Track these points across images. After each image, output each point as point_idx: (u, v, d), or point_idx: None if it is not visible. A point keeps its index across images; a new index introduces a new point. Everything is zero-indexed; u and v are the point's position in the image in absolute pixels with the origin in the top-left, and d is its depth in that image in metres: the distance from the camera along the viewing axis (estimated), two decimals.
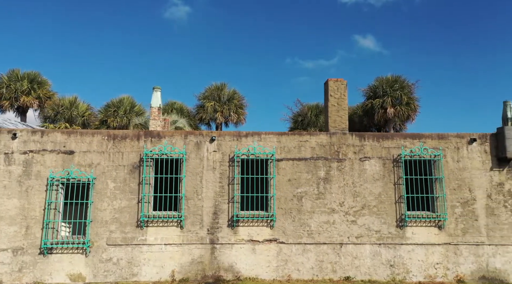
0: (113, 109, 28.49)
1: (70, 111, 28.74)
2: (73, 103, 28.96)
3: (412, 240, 11.68)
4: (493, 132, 12.27)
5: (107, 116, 28.35)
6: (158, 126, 16.88)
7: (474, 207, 11.85)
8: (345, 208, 11.83)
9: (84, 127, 29.27)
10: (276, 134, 12.22)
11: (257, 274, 11.39)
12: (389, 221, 11.78)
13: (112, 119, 27.88)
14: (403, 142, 12.21)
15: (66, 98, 29.28)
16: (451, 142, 12.22)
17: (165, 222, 11.48)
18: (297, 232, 11.66)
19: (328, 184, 11.94)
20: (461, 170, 12.05)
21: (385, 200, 11.88)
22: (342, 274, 11.48)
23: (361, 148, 12.17)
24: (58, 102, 28.81)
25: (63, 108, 28.49)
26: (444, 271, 11.52)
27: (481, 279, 11.49)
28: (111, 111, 28.41)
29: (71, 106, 28.82)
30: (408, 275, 11.51)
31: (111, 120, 27.88)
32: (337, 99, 12.74)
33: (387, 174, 12.03)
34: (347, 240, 11.67)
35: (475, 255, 11.60)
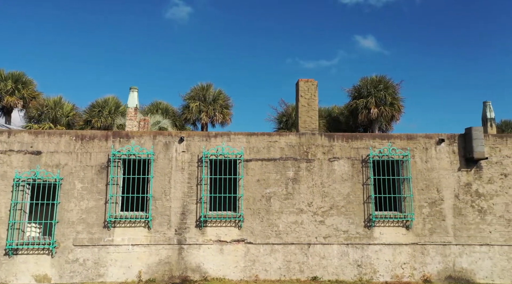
0: (97, 109, 28.39)
1: (55, 111, 28.66)
2: (57, 103, 28.87)
3: (379, 240, 11.73)
4: (461, 133, 12.34)
5: (91, 117, 28.26)
6: (134, 127, 16.85)
7: (441, 207, 11.91)
8: (313, 208, 11.86)
9: (69, 128, 29.16)
10: (245, 134, 12.23)
11: (225, 274, 11.40)
12: (357, 221, 11.81)
13: (96, 119, 27.78)
14: (372, 142, 12.26)
15: (50, 99, 29.19)
16: (419, 142, 12.28)
17: (132, 222, 11.46)
18: (265, 232, 11.68)
19: (297, 184, 11.97)
20: (429, 170, 12.11)
21: (354, 200, 11.92)
22: (310, 274, 11.51)
23: (330, 148, 12.20)
24: (43, 102, 28.72)
25: (47, 108, 28.39)
26: (411, 271, 11.57)
27: (448, 278, 11.55)
28: (95, 111, 28.31)
29: (55, 106, 28.73)
30: (375, 275, 11.55)
31: (95, 121, 27.77)
32: (308, 99, 12.77)
33: (356, 174, 12.07)
34: (315, 240, 11.70)
35: (442, 255, 11.66)
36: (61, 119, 29.00)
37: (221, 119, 29.30)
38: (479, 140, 11.85)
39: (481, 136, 11.88)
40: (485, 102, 21.06)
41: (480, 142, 11.84)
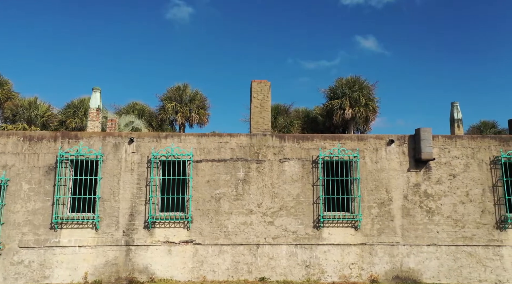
0: (72, 110, 28.28)
1: (29, 112, 28.50)
2: (32, 104, 28.71)
3: (328, 240, 11.78)
4: (411, 134, 12.43)
5: (66, 117, 28.13)
6: (96, 128, 16.77)
7: (390, 207, 11.99)
8: (263, 209, 11.89)
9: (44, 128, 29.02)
10: (196, 135, 12.24)
11: (172, 275, 11.39)
12: (306, 222, 11.86)
13: (71, 120, 27.66)
14: (323, 143, 12.31)
15: (25, 99, 29.03)
16: (370, 143, 12.35)
17: (79, 223, 11.42)
18: (214, 233, 11.69)
19: (247, 185, 11.99)
20: (379, 171, 12.19)
21: (303, 201, 11.97)
22: (258, 274, 11.53)
23: (281, 149, 12.24)
24: (17, 102, 28.54)
25: (22, 108, 28.21)
26: (359, 271, 11.64)
27: (395, 278, 11.63)
28: (70, 112, 28.19)
29: (30, 107, 28.58)
30: (323, 276, 11.60)
31: (69, 121, 27.65)
32: (260, 100, 12.80)
33: (306, 175, 12.12)
34: (264, 241, 11.73)
35: (390, 255, 11.74)
36: (36, 120, 28.88)
37: (197, 119, 29.29)
38: (427, 141, 11.94)
39: (429, 137, 11.98)
40: (453, 103, 21.24)
41: (428, 143, 11.93)
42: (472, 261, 11.67)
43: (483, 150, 12.27)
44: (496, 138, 12.38)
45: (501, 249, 11.73)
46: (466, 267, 11.65)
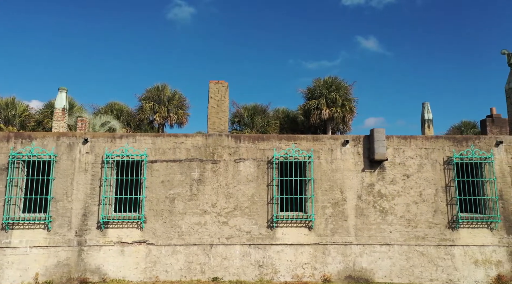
0: (50, 110, 28.13)
1: (7, 112, 28.42)
2: (9, 104, 28.61)
3: (282, 240, 11.84)
4: (366, 135, 12.52)
5: (44, 117, 28.01)
6: (61, 128, 16.72)
7: (344, 207, 12.07)
8: (217, 209, 11.92)
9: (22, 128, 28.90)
10: (151, 136, 12.24)
11: (125, 275, 11.39)
12: (260, 222, 11.91)
13: (48, 120, 27.52)
14: (278, 144, 12.37)
15: (3, 99, 28.89)
16: (325, 143, 12.43)
17: (31, 224, 11.38)
18: (167, 234, 11.70)
19: (201, 185, 12.02)
20: (333, 171, 12.27)
21: (258, 201, 12.01)
22: (211, 274, 11.56)
23: (237, 150, 12.28)
24: None
25: None
26: (312, 271, 11.71)
27: (347, 278, 11.71)
28: (48, 112, 28.06)
29: (7, 107, 28.48)
30: (276, 275, 11.65)
31: (46, 121, 27.52)
32: (217, 101, 12.83)
33: (261, 175, 12.16)
34: (218, 241, 11.76)
35: (343, 255, 11.82)
36: (13, 120, 28.78)
37: (175, 120, 29.26)
38: (381, 142, 12.03)
39: (382, 138, 12.07)
40: (424, 103, 21.43)
41: (381, 143, 12.03)
42: (424, 261, 11.78)
43: (437, 150, 12.39)
44: (450, 139, 12.50)
45: (453, 248, 11.85)
46: (418, 267, 11.76)
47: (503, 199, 12.07)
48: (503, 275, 11.62)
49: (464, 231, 11.94)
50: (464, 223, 11.94)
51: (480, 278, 11.66)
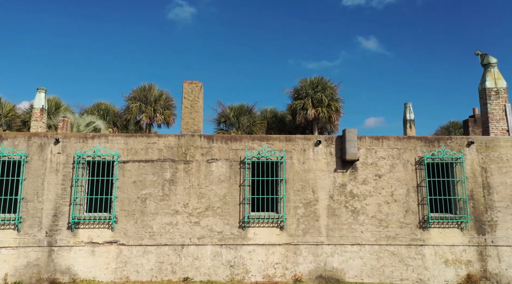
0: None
1: None
2: None
3: (253, 240, 11.86)
4: (339, 135, 12.56)
5: (29, 117, 27.91)
6: (40, 128, 16.68)
7: (316, 207, 12.11)
8: (189, 209, 11.93)
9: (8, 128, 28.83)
10: (123, 136, 12.24)
11: (95, 276, 11.38)
12: (232, 222, 11.93)
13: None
14: (251, 144, 12.39)
15: None
16: (298, 144, 12.46)
17: (1, 224, 11.35)
18: (139, 234, 11.70)
19: (173, 186, 12.02)
20: (306, 171, 12.30)
21: (230, 201, 12.03)
22: (182, 275, 11.57)
23: (209, 150, 12.29)
24: None
25: None
26: (283, 270, 11.74)
27: (318, 278, 11.75)
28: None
29: None
30: (247, 275, 11.68)
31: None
32: (191, 101, 12.85)
33: (234, 175, 12.18)
34: (189, 241, 11.77)
35: (314, 255, 11.86)
36: None
37: (162, 120, 29.25)
38: (352, 142, 12.09)
39: (354, 138, 12.12)
40: (406, 104, 21.59)
41: (353, 144, 12.08)
42: (394, 260, 11.84)
43: (409, 151, 12.45)
44: (422, 139, 12.57)
45: (423, 248, 11.91)
46: (389, 266, 11.81)
47: (473, 199, 12.15)
48: (472, 275, 11.70)
49: (435, 231, 12.00)
50: (435, 223, 12.01)
51: (450, 277, 11.73)
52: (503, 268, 11.74)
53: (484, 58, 13.44)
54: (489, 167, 12.31)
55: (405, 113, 21.27)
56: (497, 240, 11.90)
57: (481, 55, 13.51)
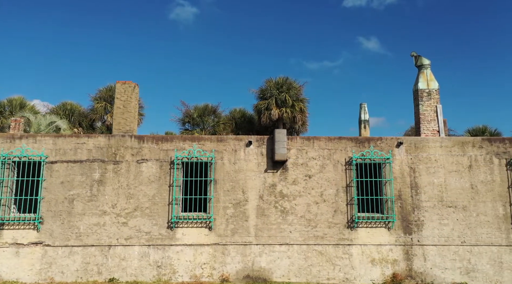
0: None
1: None
2: None
3: (181, 240, 11.88)
4: (270, 136, 12.64)
5: None
6: None
7: (245, 207, 12.16)
8: (117, 210, 11.91)
9: None
10: (52, 136, 12.18)
11: (18, 277, 11.30)
12: (160, 223, 11.93)
13: None
14: (182, 144, 12.41)
15: None
16: (229, 144, 12.51)
17: None
18: (65, 235, 11.65)
19: (102, 186, 11.99)
20: (237, 171, 12.35)
21: (159, 202, 12.03)
22: (108, 275, 11.55)
23: (140, 150, 12.28)
24: None
25: None
26: (210, 271, 11.77)
27: (246, 278, 11.80)
28: None
29: None
30: (175, 276, 11.69)
31: None
32: (123, 102, 12.82)
33: (164, 176, 12.19)
34: (116, 242, 11.75)
35: (242, 255, 11.91)
36: None
37: None
38: (281, 143, 12.16)
39: (283, 139, 12.20)
40: (361, 104, 21.74)
41: (282, 144, 12.15)
42: (322, 260, 11.94)
43: (339, 151, 12.56)
44: (353, 140, 12.69)
45: (351, 247, 12.03)
46: (316, 266, 11.91)
47: (401, 198, 12.30)
48: (398, 274, 11.84)
49: (363, 230, 12.13)
50: (363, 223, 12.13)
51: (376, 276, 11.86)
52: (428, 267, 11.90)
53: (418, 59, 13.62)
54: (417, 167, 12.47)
55: (360, 113, 21.43)
56: (423, 239, 12.07)
57: (415, 57, 13.69)
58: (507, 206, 12.19)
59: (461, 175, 12.38)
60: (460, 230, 12.09)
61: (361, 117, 21.38)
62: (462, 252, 11.97)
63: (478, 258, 11.93)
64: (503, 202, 12.21)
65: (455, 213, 12.18)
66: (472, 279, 11.82)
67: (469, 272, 11.86)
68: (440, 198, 12.27)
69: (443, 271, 11.87)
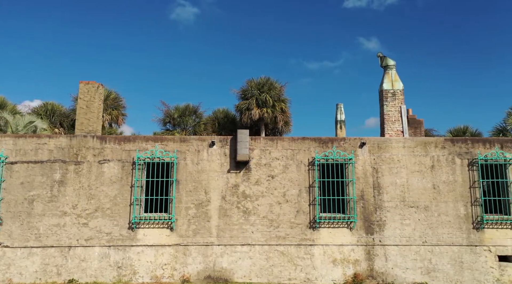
0: None
1: None
2: None
3: (143, 241, 11.84)
4: (234, 136, 12.63)
5: None
6: None
7: (208, 208, 12.14)
8: (78, 210, 11.85)
9: None
10: (12, 137, 12.10)
11: None
12: (122, 223, 11.88)
13: None
14: (145, 145, 12.37)
15: None
16: (192, 144, 12.48)
17: None
18: (24, 236, 11.57)
19: (63, 187, 11.93)
20: (199, 172, 12.33)
21: (120, 202, 11.98)
22: (67, 276, 11.49)
23: (101, 151, 12.23)
24: None
25: None
26: (171, 271, 11.74)
27: (207, 278, 11.78)
28: None
29: None
30: (135, 276, 11.65)
31: None
32: (87, 102, 12.76)
33: (125, 176, 12.14)
34: (76, 243, 11.69)
35: (204, 255, 11.89)
36: None
37: (108, 120, 29.01)
38: (244, 143, 12.16)
39: (246, 139, 12.20)
40: (338, 104, 21.77)
41: (244, 145, 12.15)
42: (283, 260, 11.95)
43: (302, 152, 12.57)
44: (316, 140, 12.71)
45: (313, 248, 12.05)
46: (278, 266, 11.91)
47: (364, 199, 12.33)
48: (359, 274, 11.87)
49: (325, 230, 12.15)
50: (325, 223, 12.15)
51: (337, 276, 11.88)
52: (389, 267, 11.94)
53: (383, 60, 13.68)
54: (380, 167, 12.51)
55: (336, 114, 21.47)
56: (385, 240, 12.11)
57: (381, 58, 13.74)
58: (468, 206, 12.25)
59: (424, 175, 12.43)
60: (422, 230, 12.14)
61: (337, 117, 21.41)
62: (423, 252, 12.02)
63: (439, 258, 11.98)
64: (465, 202, 12.28)
65: (417, 213, 12.23)
66: (432, 278, 11.87)
67: (430, 272, 11.91)
68: (402, 198, 12.32)
69: (404, 271, 11.92)
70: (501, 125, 23.09)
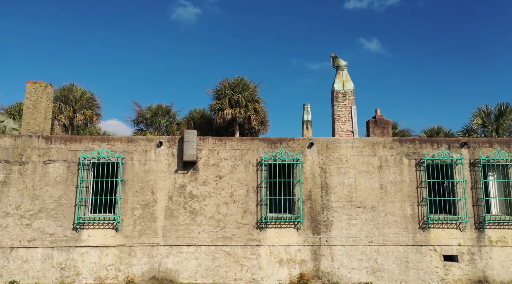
0: None
1: None
2: None
3: (87, 242, 11.75)
4: (182, 136, 12.57)
5: None
6: None
7: (154, 208, 12.08)
8: (21, 211, 11.73)
9: None
10: None
11: None
12: (66, 224, 11.78)
13: None
14: (92, 145, 12.28)
15: None
16: (140, 144, 12.41)
17: None
18: None
19: (6, 187, 11.80)
20: (146, 172, 12.26)
21: (65, 203, 11.88)
22: (8, 278, 11.36)
23: (47, 151, 12.12)
24: None
25: None
26: (116, 272, 11.66)
27: (152, 279, 11.72)
28: None
29: None
30: (78, 278, 11.56)
31: None
32: (33, 101, 12.64)
33: (71, 177, 12.04)
34: (19, 244, 11.57)
35: (149, 256, 11.82)
36: None
37: (82, 120, 28.81)
38: (190, 143, 12.11)
39: (193, 140, 12.15)
40: (304, 104, 21.81)
41: (191, 145, 12.10)
42: (230, 261, 11.92)
43: (251, 152, 12.55)
44: (265, 141, 12.70)
45: (259, 248, 12.03)
46: (224, 266, 11.88)
47: (311, 199, 12.34)
48: (305, 274, 11.87)
49: (272, 231, 12.14)
50: (272, 223, 12.14)
51: (283, 277, 11.88)
52: (335, 267, 11.96)
53: (335, 61, 13.71)
54: (328, 167, 12.52)
55: (303, 114, 21.49)
56: (332, 240, 12.12)
57: (333, 58, 13.78)
58: (415, 206, 12.31)
59: (371, 175, 12.47)
60: (368, 230, 12.17)
61: (304, 118, 21.44)
62: (369, 251, 12.05)
63: (384, 257, 12.03)
64: (411, 202, 12.33)
65: (364, 213, 12.26)
66: (378, 278, 11.91)
67: (376, 271, 11.95)
68: (350, 198, 12.34)
69: (350, 271, 11.94)
70: (468, 126, 23.25)
